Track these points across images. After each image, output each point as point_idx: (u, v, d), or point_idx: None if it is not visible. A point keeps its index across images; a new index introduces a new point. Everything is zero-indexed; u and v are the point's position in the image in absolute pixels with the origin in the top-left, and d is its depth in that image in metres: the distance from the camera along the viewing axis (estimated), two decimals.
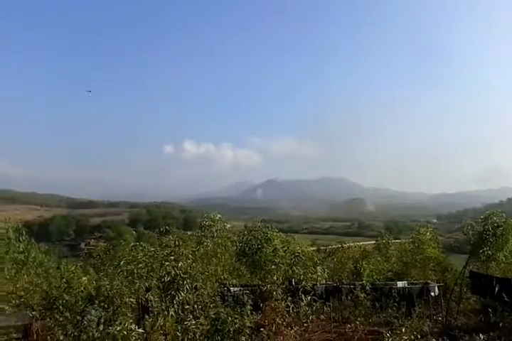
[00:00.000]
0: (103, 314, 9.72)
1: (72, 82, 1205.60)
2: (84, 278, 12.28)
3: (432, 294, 14.83)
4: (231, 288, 13.93)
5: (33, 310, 12.22)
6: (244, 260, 14.94)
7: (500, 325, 11.88)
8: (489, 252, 14.58)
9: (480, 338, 10.78)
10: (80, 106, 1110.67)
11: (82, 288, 11.18)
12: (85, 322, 9.34)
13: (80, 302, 10.47)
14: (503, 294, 12.73)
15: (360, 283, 14.92)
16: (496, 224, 14.60)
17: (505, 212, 15.86)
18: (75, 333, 9.45)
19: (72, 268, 12.19)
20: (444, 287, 15.87)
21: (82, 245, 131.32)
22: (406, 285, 15.25)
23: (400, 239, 27.95)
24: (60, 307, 10.51)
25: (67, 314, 10.18)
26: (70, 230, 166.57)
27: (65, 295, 10.65)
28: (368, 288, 14.52)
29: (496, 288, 13.20)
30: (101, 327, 9.08)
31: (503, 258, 15.43)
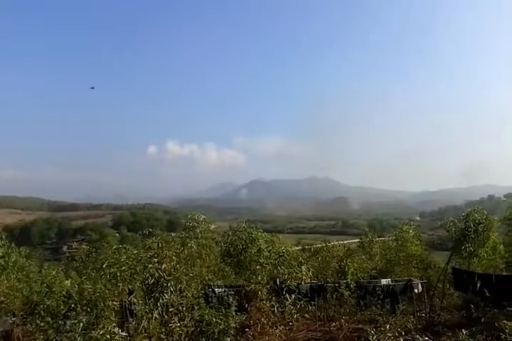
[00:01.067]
0: (86, 318, 9.58)
1: (56, 84, 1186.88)
2: (66, 282, 12.13)
3: (416, 291, 14.96)
4: (216, 289, 13.86)
5: (14, 316, 12.01)
6: (229, 261, 14.90)
7: (482, 319, 12.04)
8: (471, 248, 14.78)
9: (463, 333, 10.91)
10: (63, 107, 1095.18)
11: (64, 292, 11.02)
12: (67, 327, 9.19)
13: (62, 307, 10.31)
14: (485, 289, 12.92)
15: (345, 281, 14.97)
16: (477, 221, 14.80)
17: (486, 209, 16.10)
18: (57, 338, 9.30)
19: (54, 272, 12.03)
20: (428, 284, 16.03)
21: (65, 248, 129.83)
22: (390, 282, 15.37)
23: (383, 237, 28.21)
24: (42, 312, 10.35)
25: (49, 319, 10.02)
26: (51, 233, 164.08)
27: (46, 300, 10.50)
28: (352, 286, 14.58)
29: (478, 284, 13.38)
30: (83, 331, 8.93)
31: (485, 255, 15.65)
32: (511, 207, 16.71)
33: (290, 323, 11.77)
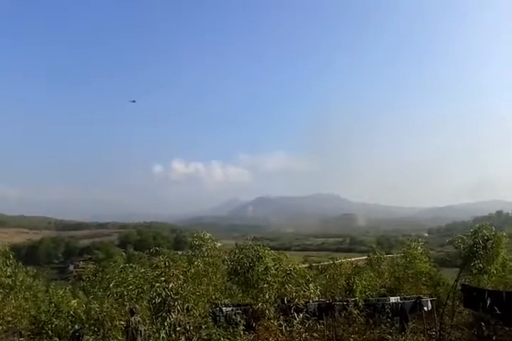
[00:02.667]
0: (93, 337, 9.57)
1: (61, 100, 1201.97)
2: (73, 302, 12.12)
3: (425, 308, 14.79)
4: (223, 308, 13.76)
5: (21, 336, 11.97)
6: (236, 279, 14.86)
7: (494, 338, 11.88)
8: (480, 265, 14.66)
9: None
10: (67, 125, 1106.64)
11: (72, 312, 11.01)
12: None
13: (70, 326, 10.30)
14: (495, 307, 12.76)
15: (353, 299, 14.84)
16: (485, 237, 14.73)
17: (494, 225, 16.02)
18: None
19: (61, 292, 12.04)
20: (437, 301, 15.84)
21: (71, 267, 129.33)
22: (399, 300, 15.21)
23: (391, 253, 27.98)
24: (49, 331, 10.34)
25: (56, 339, 10.01)
26: (58, 253, 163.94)
27: (54, 320, 10.49)
28: (361, 304, 14.45)
29: (488, 301, 13.22)
30: None
31: (494, 271, 15.50)
32: None
33: None
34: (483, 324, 12.95)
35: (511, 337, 10.79)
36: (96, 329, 10.15)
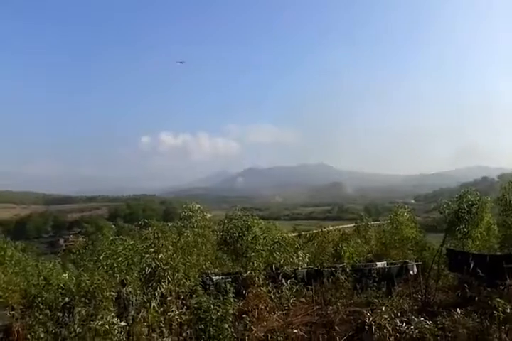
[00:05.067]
0: (84, 309, 9.65)
1: (49, 75, 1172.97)
2: (64, 275, 12.16)
3: (411, 273, 15.13)
4: (213, 277, 13.95)
5: (13, 310, 12.05)
6: (225, 248, 15.00)
7: (476, 299, 12.22)
8: (465, 230, 14.93)
9: (458, 313, 11.08)
10: (56, 99, 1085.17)
11: (62, 285, 11.05)
12: (66, 319, 9.25)
13: (60, 299, 10.36)
14: (478, 269, 13.08)
15: (341, 265, 15.12)
16: (470, 202, 14.92)
17: (480, 191, 16.24)
18: (56, 330, 9.36)
19: (51, 265, 12.04)
20: (423, 265, 16.21)
21: (61, 241, 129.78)
22: (385, 265, 15.53)
23: (378, 220, 28.47)
24: (40, 305, 10.39)
25: (47, 311, 10.07)
26: (48, 227, 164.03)
27: (44, 293, 10.52)
28: (348, 270, 14.73)
29: (472, 264, 13.55)
30: (82, 323, 9.00)
31: (479, 235, 15.83)
32: (505, 188, 16.79)
33: (287, 308, 11.89)
34: (466, 286, 13.30)
35: (493, 297, 11.09)
36: (87, 300, 10.22)
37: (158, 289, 10.37)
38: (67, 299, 10.18)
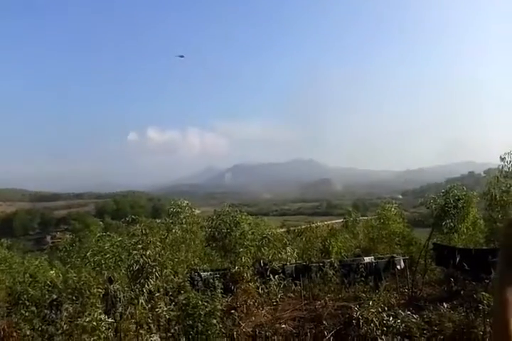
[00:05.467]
0: (71, 306, 9.60)
1: (37, 71, 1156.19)
2: (51, 272, 12.07)
3: (398, 267, 15.26)
4: (202, 273, 13.95)
5: None
6: (214, 245, 14.99)
7: (462, 292, 12.38)
8: (451, 224, 15.05)
9: (444, 307, 11.23)
10: (41, 95, 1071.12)
11: (49, 282, 10.98)
12: (53, 316, 9.19)
13: (47, 296, 10.29)
14: (464, 263, 13.25)
15: (329, 260, 15.19)
16: (456, 197, 15.04)
17: (466, 185, 16.39)
18: (43, 327, 9.29)
19: (37, 262, 11.94)
20: (410, 260, 16.35)
21: (48, 239, 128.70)
22: (373, 260, 15.64)
23: (366, 216, 28.65)
24: (26, 302, 10.31)
25: (34, 308, 10.00)
26: (34, 224, 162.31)
27: (30, 290, 10.43)
28: (336, 265, 14.80)
29: (458, 258, 13.71)
30: (69, 319, 8.95)
31: (465, 230, 15.98)
32: (490, 183, 16.98)
33: (275, 303, 11.94)
34: (452, 280, 13.47)
35: (478, 291, 11.26)
36: (74, 297, 10.16)
37: (146, 285, 10.33)
38: (54, 296, 10.11)
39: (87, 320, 8.71)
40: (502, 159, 14.69)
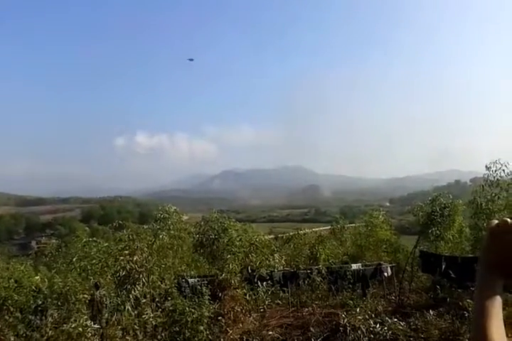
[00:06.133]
0: (57, 312, 9.48)
1: (23, 74, 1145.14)
2: (36, 277, 11.93)
3: (385, 274, 15.33)
4: (189, 280, 13.87)
5: None
6: (201, 251, 14.92)
7: (448, 300, 12.47)
8: (437, 232, 15.19)
9: (430, 314, 11.30)
10: (31, 98, 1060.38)
11: (34, 287, 10.84)
12: (38, 321, 9.07)
13: (32, 301, 10.16)
14: (450, 271, 13.37)
15: (317, 267, 15.21)
16: (443, 205, 15.21)
17: (452, 194, 16.56)
18: (27, 333, 9.16)
19: (22, 267, 11.78)
20: (397, 267, 16.44)
21: (33, 244, 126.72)
22: (360, 267, 15.69)
23: (354, 223, 28.73)
24: (10, 307, 10.16)
25: (18, 314, 9.86)
26: (19, 229, 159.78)
27: (14, 295, 10.28)
28: (324, 271, 14.83)
29: (443, 266, 13.82)
30: (54, 325, 8.84)
31: (451, 238, 16.14)
32: (476, 191, 17.18)
33: (263, 310, 11.92)
34: (438, 287, 13.57)
35: (463, 298, 11.37)
36: (60, 303, 10.04)
37: (132, 292, 10.26)
38: (39, 301, 9.98)
39: (73, 326, 8.61)
40: (487, 168, 14.87)
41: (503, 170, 14.67)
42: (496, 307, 1.20)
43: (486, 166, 14.95)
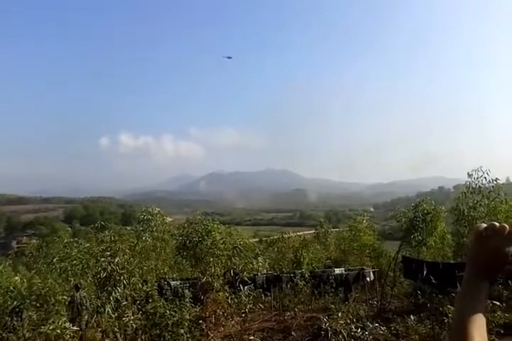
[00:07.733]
0: (35, 313, 9.32)
1: (4, 74, 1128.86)
2: (15, 278, 11.71)
3: (368, 279, 15.41)
4: (171, 282, 13.76)
5: None
6: (185, 253, 14.79)
7: (428, 305, 12.57)
8: (420, 237, 15.31)
9: (411, 319, 11.38)
10: (15, 97, 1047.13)
11: (12, 288, 10.64)
12: (14, 323, 8.89)
13: (9, 302, 9.95)
14: (431, 277, 13.47)
15: (300, 271, 15.22)
16: (425, 211, 15.34)
17: (436, 200, 16.72)
18: (3, 335, 8.98)
19: (0, 268, 11.57)
20: (379, 272, 16.54)
21: (14, 243, 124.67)
22: (343, 271, 15.76)
23: (338, 227, 28.85)
24: None
25: None
26: None
27: None
28: (307, 275, 14.85)
29: (425, 272, 13.92)
30: (32, 327, 8.68)
31: (433, 243, 16.27)
32: (458, 198, 17.38)
33: (245, 314, 11.87)
34: (419, 293, 13.67)
35: (444, 304, 11.47)
36: (38, 304, 9.87)
37: (113, 293, 10.13)
38: (16, 303, 9.78)
39: (51, 327, 8.46)
40: (469, 175, 15.07)
41: (485, 178, 14.88)
42: (481, 310, 1.21)
43: (468, 173, 15.14)
